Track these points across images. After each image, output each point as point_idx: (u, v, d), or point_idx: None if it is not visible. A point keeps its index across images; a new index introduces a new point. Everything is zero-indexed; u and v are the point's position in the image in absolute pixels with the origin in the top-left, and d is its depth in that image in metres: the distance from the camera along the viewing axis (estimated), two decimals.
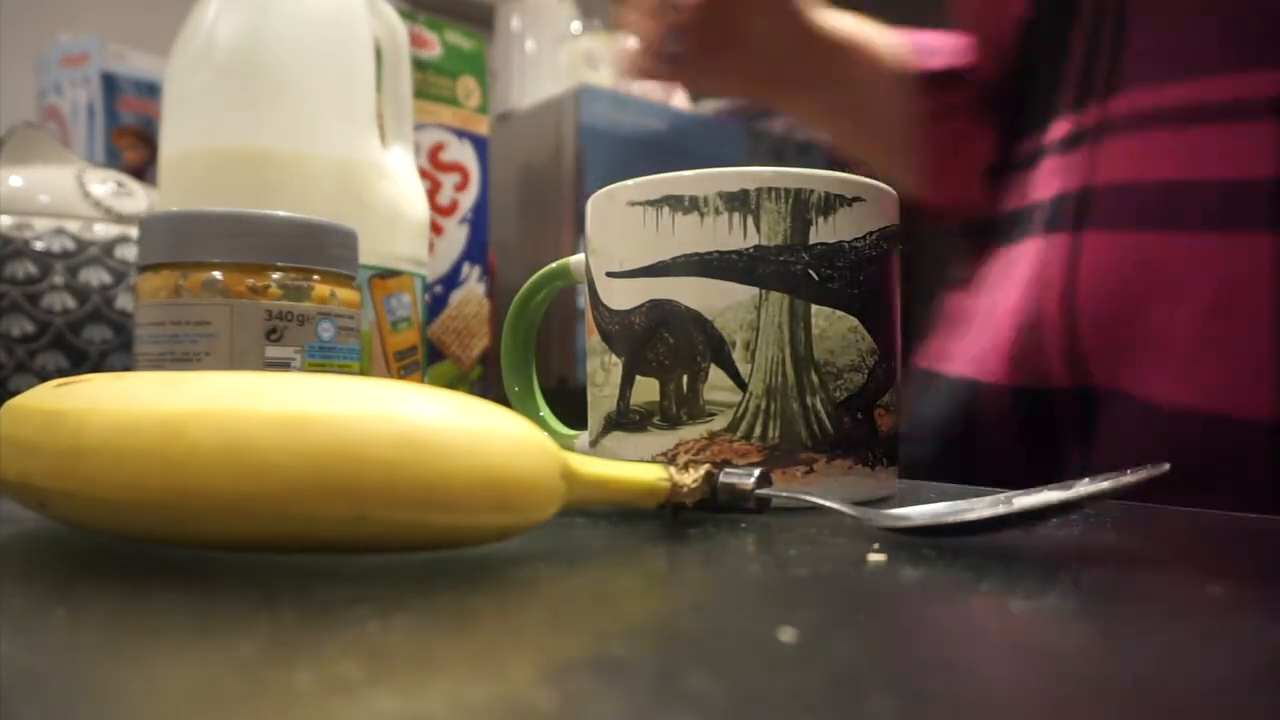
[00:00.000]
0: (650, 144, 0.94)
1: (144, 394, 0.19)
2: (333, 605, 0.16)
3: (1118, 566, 0.20)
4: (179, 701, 0.11)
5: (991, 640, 0.14)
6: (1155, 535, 0.24)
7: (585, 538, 0.23)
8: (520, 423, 0.20)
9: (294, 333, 0.31)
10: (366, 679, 0.12)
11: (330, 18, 0.47)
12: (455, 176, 0.64)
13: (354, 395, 0.18)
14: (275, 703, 0.11)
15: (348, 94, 0.47)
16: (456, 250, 0.65)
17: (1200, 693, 0.12)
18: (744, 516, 0.26)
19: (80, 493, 0.19)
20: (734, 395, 0.28)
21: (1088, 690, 0.12)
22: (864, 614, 0.16)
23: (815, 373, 0.28)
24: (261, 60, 0.44)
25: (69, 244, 0.45)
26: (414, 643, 0.14)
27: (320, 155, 0.45)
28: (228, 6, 0.45)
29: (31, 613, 0.16)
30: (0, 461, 0.21)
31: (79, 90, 0.75)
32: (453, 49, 0.64)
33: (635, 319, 0.30)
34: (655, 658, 0.13)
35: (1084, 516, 0.26)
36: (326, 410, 0.18)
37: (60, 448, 0.19)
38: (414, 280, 0.51)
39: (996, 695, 0.12)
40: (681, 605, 0.17)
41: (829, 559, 0.20)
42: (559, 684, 0.12)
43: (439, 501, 0.18)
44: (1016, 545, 0.22)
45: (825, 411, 0.29)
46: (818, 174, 0.29)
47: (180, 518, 0.18)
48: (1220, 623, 0.15)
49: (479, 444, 0.18)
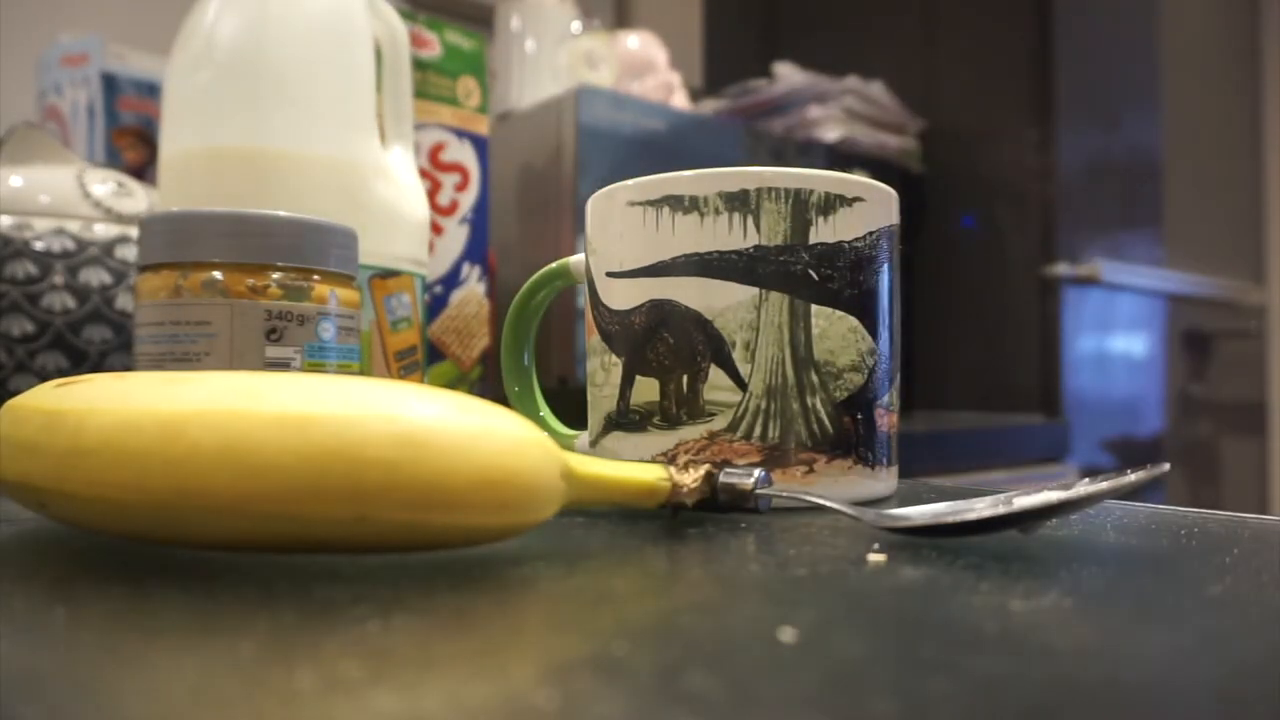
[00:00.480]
0: (650, 144, 0.94)
1: (144, 394, 0.19)
2: (333, 605, 0.16)
3: (1118, 566, 0.20)
4: (179, 701, 0.11)
5: (991, 640, 0.14)
6: (1155, 535, 0.24)
7: (585, 538, 0.23)
8: (520, 423, 0.20)
9: (294, 333, 0.31)
10: (366, 679, 0.12)
11: (330, 18, 0.47)
12: (455, 176, 0.64)
13: (353, 395, 0.18)
14: (275, 703, 0.11)
15: (348, 94, 0.47)
16: (456, 250, 0.65)
17: (1200, 693, 0.12)
18: (744, 516, 0.26)
19: (80, 493, 0.19)
20: (734, 395, 0.28)
21: (1088, 690, 0.12)
22: (864, 614, 0.16)
23: (815, 372, 0.28)
24: (261, 60, 0.44)
25: (69, 244, 0.45)
26: (414, 643, 0.14)
27: (320, 155, 0.45)
28: (228, 7, 0.45)
29: (31, 613, 0.16)
30: (1, 461, 0.21)
31: (79, 90, 0.75)
32: (453, 49, 0.64)
33: (635, 319, 0.29)
34: (655, 658, 0.13)
35: (1084, 516, 0.26)
36: (325, 410, 0.18)
37: (60, 448, 0.19)
38: (414, 280, 0.51)
39: (996, 695, 0.12)
40: (681, 605, 0.17)
41: (829, 559, 0.20)
42: (559, 684, 0.12)
43: (438, 502, 0.18)
44: (1016, 545, 0.22)
45: (825, 411, 0.29)
46: (818, 174, 0.29)
47: (179, 518, 0.18)
48: (1220, 623, 0.15)
49: (478, 444, 0.18)
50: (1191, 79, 1.57)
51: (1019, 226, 1.24)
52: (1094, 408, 1.25)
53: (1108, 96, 1.33)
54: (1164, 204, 1.46)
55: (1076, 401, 1.21)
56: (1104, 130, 1.32)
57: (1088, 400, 1.23)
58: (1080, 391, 1.22)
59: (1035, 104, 1.22)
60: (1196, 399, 1.55)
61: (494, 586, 0.18)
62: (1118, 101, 1.36)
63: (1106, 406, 1.29)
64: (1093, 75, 1.28)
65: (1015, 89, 1.25)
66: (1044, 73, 1.22)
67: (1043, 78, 1.22)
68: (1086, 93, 1.27)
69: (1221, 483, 1.65)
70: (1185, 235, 1.51)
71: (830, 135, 1.16)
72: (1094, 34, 1.30)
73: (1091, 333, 1.26)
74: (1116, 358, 1.33)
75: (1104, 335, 1.30)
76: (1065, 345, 1.21)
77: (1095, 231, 1.28)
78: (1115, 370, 1.32)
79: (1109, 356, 1.31)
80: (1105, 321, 1.30)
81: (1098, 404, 1.26)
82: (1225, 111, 1.76)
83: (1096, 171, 1.29)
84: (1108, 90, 1.33)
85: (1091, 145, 1.29)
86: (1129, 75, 1.40)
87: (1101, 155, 1.31)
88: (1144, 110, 1.42)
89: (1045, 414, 1.19)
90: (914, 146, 1.28)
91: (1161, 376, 1.43)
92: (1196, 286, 1.54)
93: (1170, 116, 1.47)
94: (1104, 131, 1.32)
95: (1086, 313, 1.25)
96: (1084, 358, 1.24)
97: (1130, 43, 1.41)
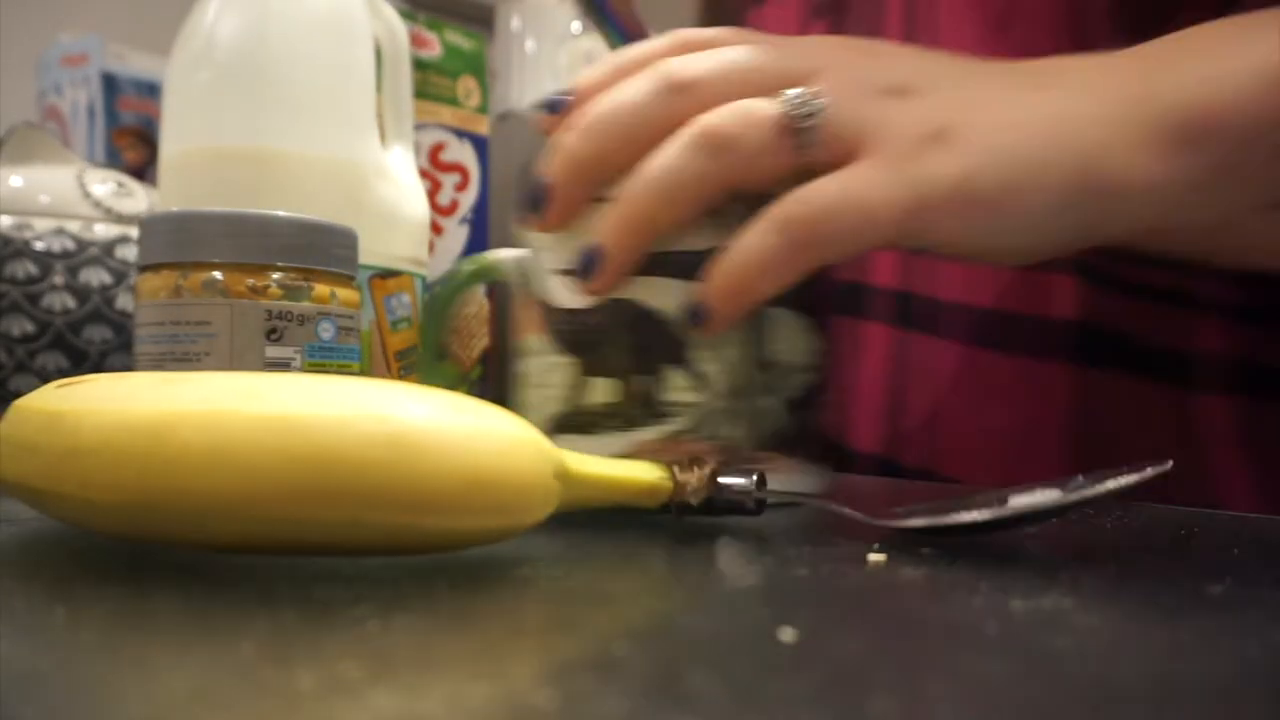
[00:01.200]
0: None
1: (140, 395, 0.19)
2: (333, 605, 0.16)
3: (1118, 566, 0.20)
4: (179, 701, 0.11)
5: (991, 640, 0.14)
6: (1155, 535, 0.24)
7: (585, 538, 0.23)
8: (515, 422, 0.20)
9: (294, 333, 0.31)
10: (367, 679, 0.12)
11: (330, 18, 0.47)
12: (455, 176, 0.64)
13: (344, 396, 0.18)
14: (275, 702, 0.11)
15: (348, 94, 0.47)
16: (457, 250, 0.65)
17: (1201, 692, 0.12)
18: (743, 516, 0.26)
19: (78, 494, 0.19)
20: (694, 396, 0.28)
21: (1088, 690, 0.12)
22: (864, 614, 0.16)
23: (773, 372, 0.28)
24: (261, 60, 0.44)
25: (69, 244, 0.45)
26: (414, 643, 0.14)
27: (320, 155, 0.45)
28: (228, 7, 0.45)
29: (32, 612, 0.16)
30: (1, 462, 0.21)
31: (79, 90, 0.75)
32: (453, 49, 0.64)
33: (592, 318, 0.28)
34: (655, 658, 0.13)
35: (1084, 516, 0.26)
36: (315, 411, 0.18)
37: (59, 449, 0.19)
38: (414, 280, 0.51)
39: (996, 695, 0.12)
40: (681, 605, 0.17)
41: (829, 559, 0.20)
42: (559, 684, 0.12)
43: (430, 505, 0.18)
44: (1016, 545, 0.22)
45: (782, 410, 0.29)
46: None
47: (173, 519, 0.18)
48: (1220, 623, 0.15)
49: (470, 445, 0.18)
50: None
51: None
52: None
53: None
54: None
55: None
56: None
57: None
58: None
59: None
60: None
61: (494, 586, 0.18)
62: None
63: None
64: None
65: None
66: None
67: None
68: None
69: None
70: None
71: None
72: None
73: None
74: None
75: None
76: None
77: None
78: None
79: None
80: None
81: None
82: None
83: None
84: None
85: None
86: None
87: None
88: None
89: None
90: None
91: None
92: None
93: None
94: None
95: None
96: None
97: None
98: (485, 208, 0.67)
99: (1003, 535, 0.22)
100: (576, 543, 0.22)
